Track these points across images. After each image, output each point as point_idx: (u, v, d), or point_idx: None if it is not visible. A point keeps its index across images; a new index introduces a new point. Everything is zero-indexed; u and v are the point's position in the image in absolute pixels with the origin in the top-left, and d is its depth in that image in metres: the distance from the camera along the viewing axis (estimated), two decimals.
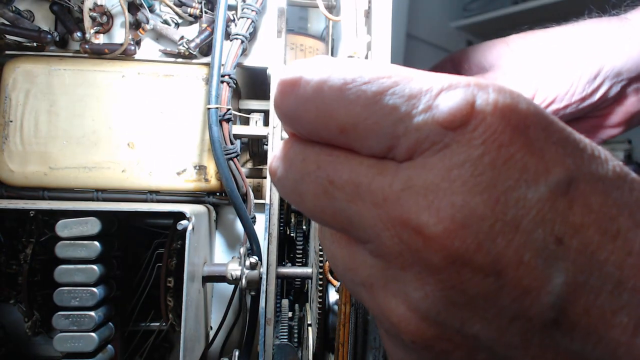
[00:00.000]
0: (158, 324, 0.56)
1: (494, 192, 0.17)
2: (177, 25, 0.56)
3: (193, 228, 0.47)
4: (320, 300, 0.46)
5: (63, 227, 0.47)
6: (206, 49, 0.56)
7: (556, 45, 0.52)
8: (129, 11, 0.53)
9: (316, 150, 0.20)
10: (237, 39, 0.53)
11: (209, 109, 0.52)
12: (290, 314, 0.62)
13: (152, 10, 0.55)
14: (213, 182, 0.56)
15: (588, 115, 0.56)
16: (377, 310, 0.21)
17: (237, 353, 0.53)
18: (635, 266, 0.17)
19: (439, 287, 0.18)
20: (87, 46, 0.54)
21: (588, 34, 0.52)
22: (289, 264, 0.64)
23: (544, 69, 0.51)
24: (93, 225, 0.47)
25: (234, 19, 0.55)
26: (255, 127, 0.59)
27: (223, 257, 0.60)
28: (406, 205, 0.18)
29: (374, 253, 0.20)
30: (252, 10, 0.53)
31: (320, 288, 0.46)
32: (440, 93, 0.18)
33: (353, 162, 0.19)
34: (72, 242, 0.47)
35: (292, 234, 0.64)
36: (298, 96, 0.19)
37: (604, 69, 0.50)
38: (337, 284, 0.45)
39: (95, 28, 0.54)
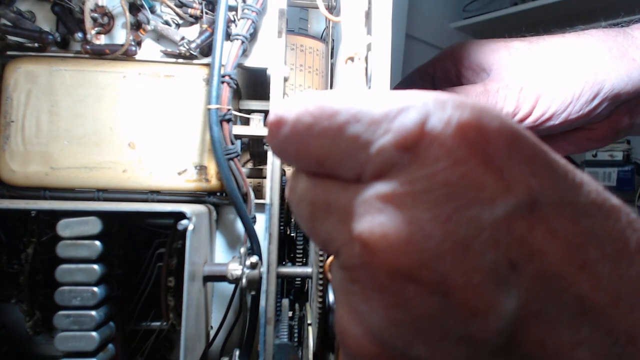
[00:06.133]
0: (159, 323, 0.57)
1: (445, 210, 0.16)
2: (178, 25, 0.56)
3: (194, 228, 0.47)
4: (321, 299, 0.46)
5: (64, 227, 0.47)
6: (207, 49, 0.56)
7: (557, 59, 0.51)
8: (130, 12, 0.53)
9: (307, 178, 0.22)
10: (237, 39, 0.53)
11: (209, 109, 0.52)
12: (290, 314, 0.62)
13: (152, 11, 0.55)
14: (214, 182, 0.57)
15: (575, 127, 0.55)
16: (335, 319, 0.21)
17: (237, 352, 0.53)
18: (599, 300, 0.16)
19: (382, 304, 0.18)
20: (88, 47, 0.54)
21: (591, 51, 0.50)
22: (289, 264, 0.64)
23: (544, 82, 0.50)
24: (94, 225, 0.47)
25: (235, 20, 0.55)
26: (255, 128, 0.59)
27: (223, 257, 0.61)
28: (360, 220, 0.18)
29: (340, 266, 0.21)
30: (253, 11, 0.54)
31: (321, 287, 0.46)
32: (397, 115, 0.18)
33: (328, 184, 0.21)
34: (74, 241, 0.47)
35: (292, 234, 0.64)
36: (280, 136, 0.21)
37: (603, 89, 0.49)
38: None
39: (96, 29, 0.54)
